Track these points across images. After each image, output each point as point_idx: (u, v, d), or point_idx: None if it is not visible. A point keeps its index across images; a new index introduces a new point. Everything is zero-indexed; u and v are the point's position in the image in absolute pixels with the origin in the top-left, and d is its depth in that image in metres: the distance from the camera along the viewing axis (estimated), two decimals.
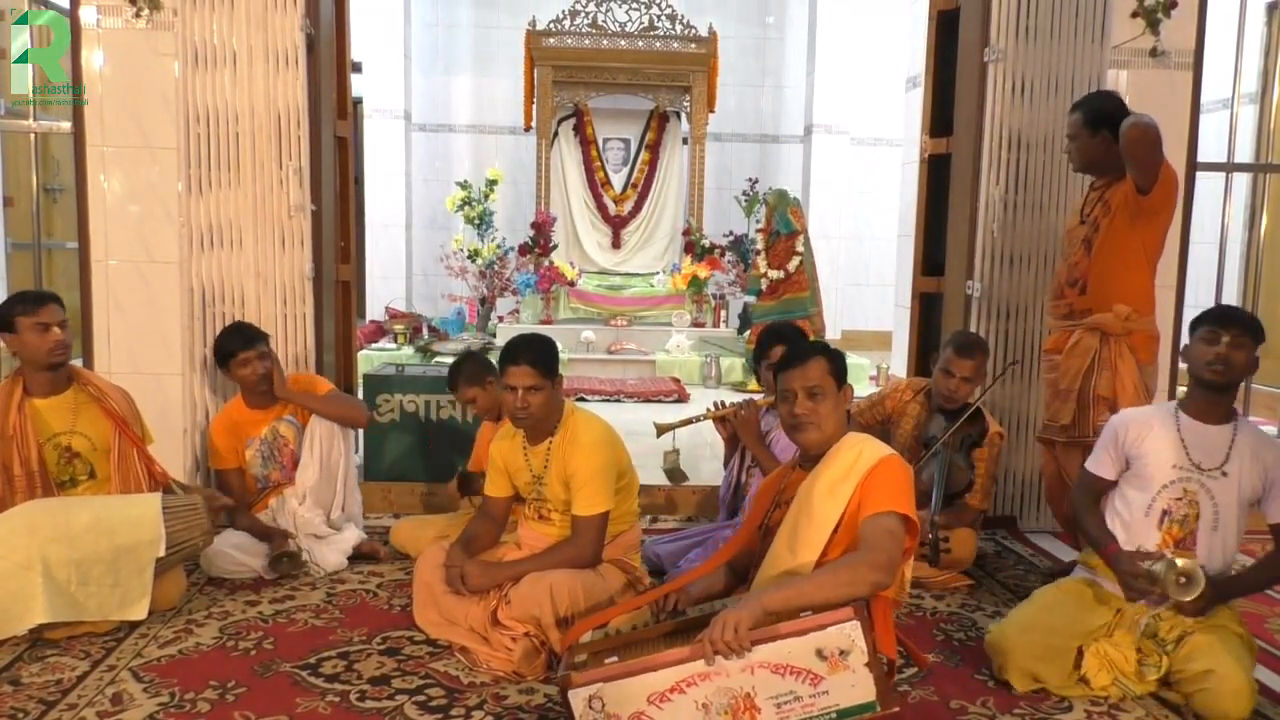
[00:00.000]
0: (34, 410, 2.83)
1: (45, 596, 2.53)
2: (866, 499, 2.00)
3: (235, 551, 3.12)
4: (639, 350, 7.61)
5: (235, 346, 3.22)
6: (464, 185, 8.65)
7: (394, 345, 7.70)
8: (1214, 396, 2.44)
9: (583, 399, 6.22)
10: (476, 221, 8.56)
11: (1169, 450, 2.44)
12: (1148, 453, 2.47)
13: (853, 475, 2.03)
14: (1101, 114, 2.98)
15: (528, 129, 8.68)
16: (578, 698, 1.86)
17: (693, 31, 8.44)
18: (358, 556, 3.29)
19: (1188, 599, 2.28)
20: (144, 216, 3.67)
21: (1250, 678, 2.23)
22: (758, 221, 8.13)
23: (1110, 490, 2.57)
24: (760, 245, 7.35)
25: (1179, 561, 2.29)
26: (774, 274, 7.13)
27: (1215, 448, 2.42)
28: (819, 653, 1.78)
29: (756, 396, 3.31)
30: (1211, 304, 4.00)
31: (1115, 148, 2.90)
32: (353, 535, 3.32)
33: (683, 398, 6.49)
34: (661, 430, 3.50)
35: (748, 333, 7.50)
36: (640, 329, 7.96)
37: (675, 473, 3.59)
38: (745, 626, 1.78)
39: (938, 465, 3.14)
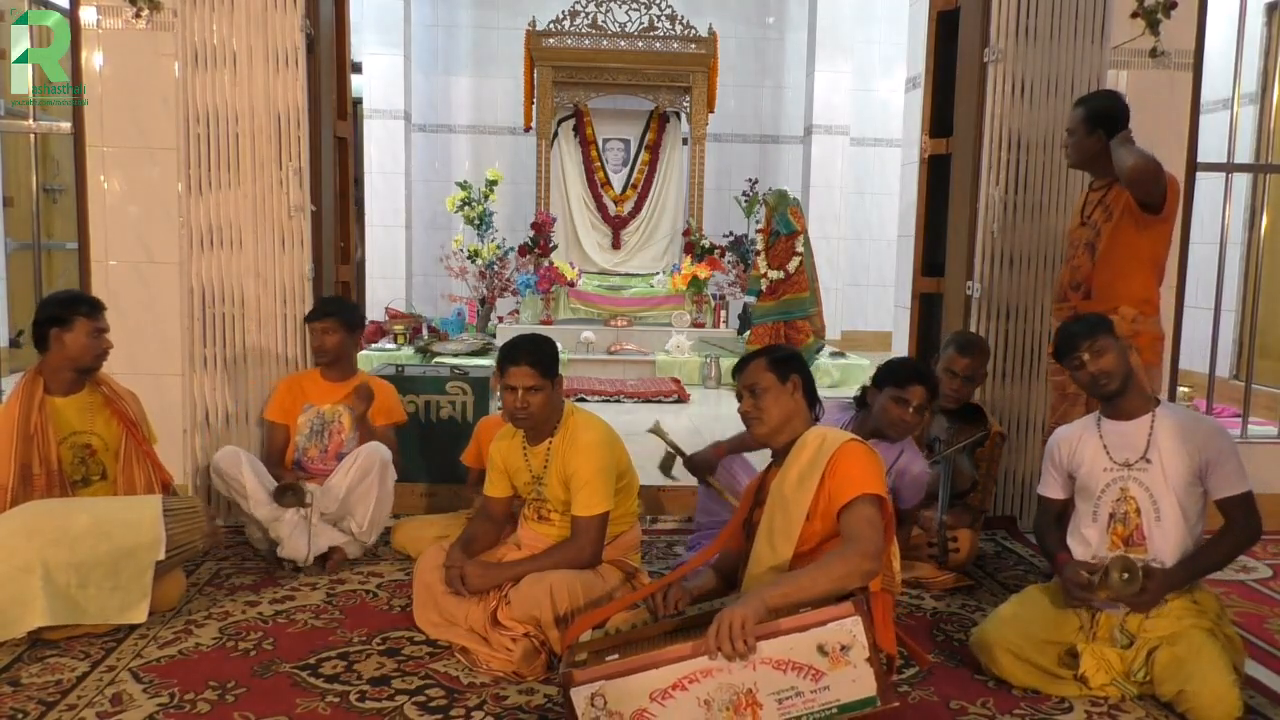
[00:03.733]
0: (54, 408, 2.84)
1: (44, 599, 2.53)
2: (835, 488, 2.05)
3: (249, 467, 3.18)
4: (639, 351, 7.61)
5: (313, 310, 3.46)
6: (464, 185, 8.65)
7: (394, 345, 7.70)
8: (1119, 398, 2.49)
9: (583, 399, 6.23)
10: (476, 222, 8.56)
11: (1097, 455, 2.50)
12: (1081, 463, 2.53)
13: (818, 464, 2.09)
14: (1102, 113, 3.00)
15: (528, 129, 8.68)
16: (579, 695, 1.86)
17: (693, 32, 8.44)
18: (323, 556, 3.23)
19: (1131, 593, 2.30)
20: (144, 217, 3.67)
21: (1229, 675, 2.21)
22: (757, 222, 8.14)
23: (1066, 510, 2.61)
24: (760, 246, 7.37)
25: (1116, 558, 2.32)
26: (774, 274, 7.14)
27: (1135, 441, 2.46)
28: (820, 648, 1.79)
29: None
30: (1211, 304, 4.04)
31: (1109, 149, 2.95)
32: (334, 536, 3.24)
33: (683, 398, 6.49)
34: (658, 433, 3.51)
35: (748, 333, 7.51)
36: (640, 329, 7.96)
37: (666, 467, 3.59)
38: (750, 626, 1.79)
39: (943, 467, 3.15)
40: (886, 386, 3.00)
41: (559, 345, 2.81)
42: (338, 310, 3.45)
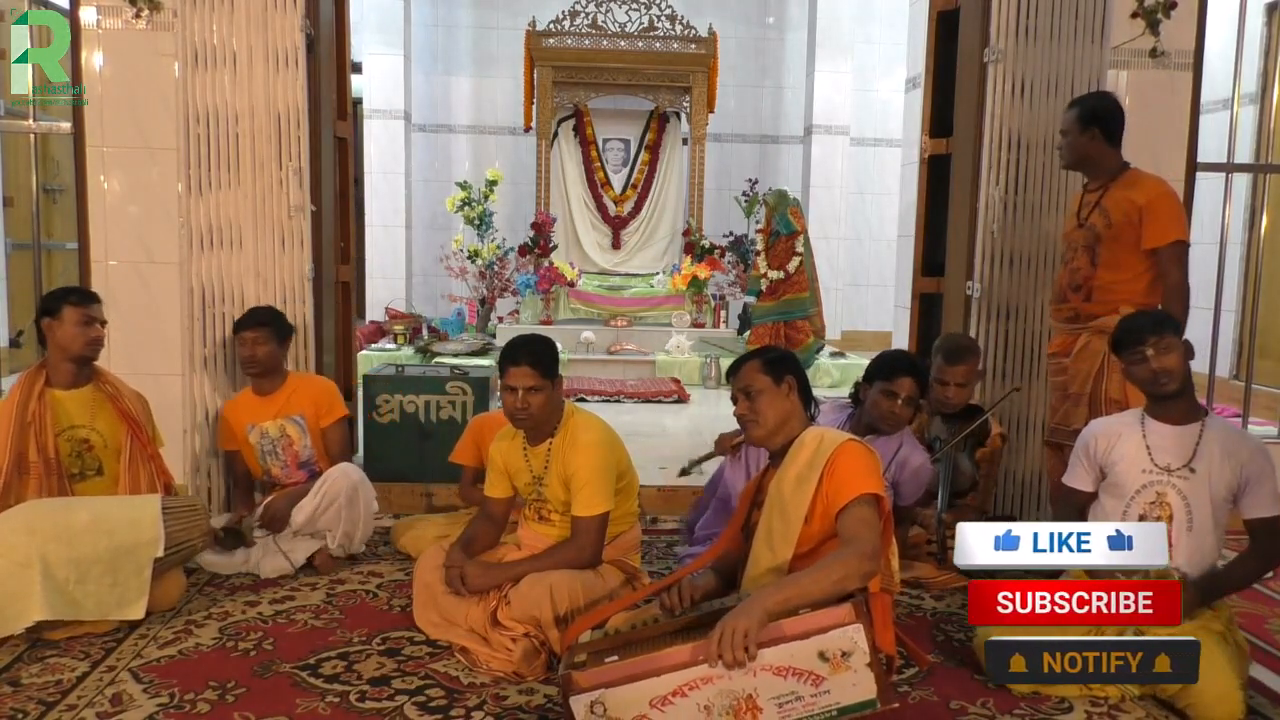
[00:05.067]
0: (54, 400, 2.86)
1: (44, 594, 2.53)
2: (834, 489, 2.05)
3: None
4: (639, 351, 7.61)
5: (243, 319, 3.33)
6: (464, 186, 8.65)
7: (394, 345, 7.70)
8: (1172, 400, 2.46)
9: (583, 399, 6.23)
10: (476, 222, 8.56)
11: (1136, 455, 2.47)
12: (1118, 460, 2.50)
13: (816, 465, 2.09)
14: (1096, 112, 3.02)
15: (528, 129, 8.68)
16: (579, 704, 1.86)
17: (692, 32, 8.44)
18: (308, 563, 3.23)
19: None
20: (144, 217, 3.67)
21: (1234, 677, 2.22)
22: (757, 222, 8.14)
23: (1091, 503, 2.59)
24: (760, 246, 7.36)
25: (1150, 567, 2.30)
26: (774, 274, 7.13)
27: (1181, 448, 2.43)
28: (822, 654, 1.79)
29: None
30: (1211, 305, 4.04)
31: (1104, 147, 3.00)
32: (309, 546, 3.22)
33: (682, 398, 6.49)
34: (684, 472, 3.61)
35: (748, 333, 7.50)
36: (640, 329, 7.96)
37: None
38: (754, 637, 1.78)
39: (943, 466, 3.15)
40: (876, 380, 3.01)
41: (559, 345, 2.81)
42: (270, 319, 3.32)
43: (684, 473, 3.75)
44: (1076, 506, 2.62)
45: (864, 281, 9.93)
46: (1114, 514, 2.49)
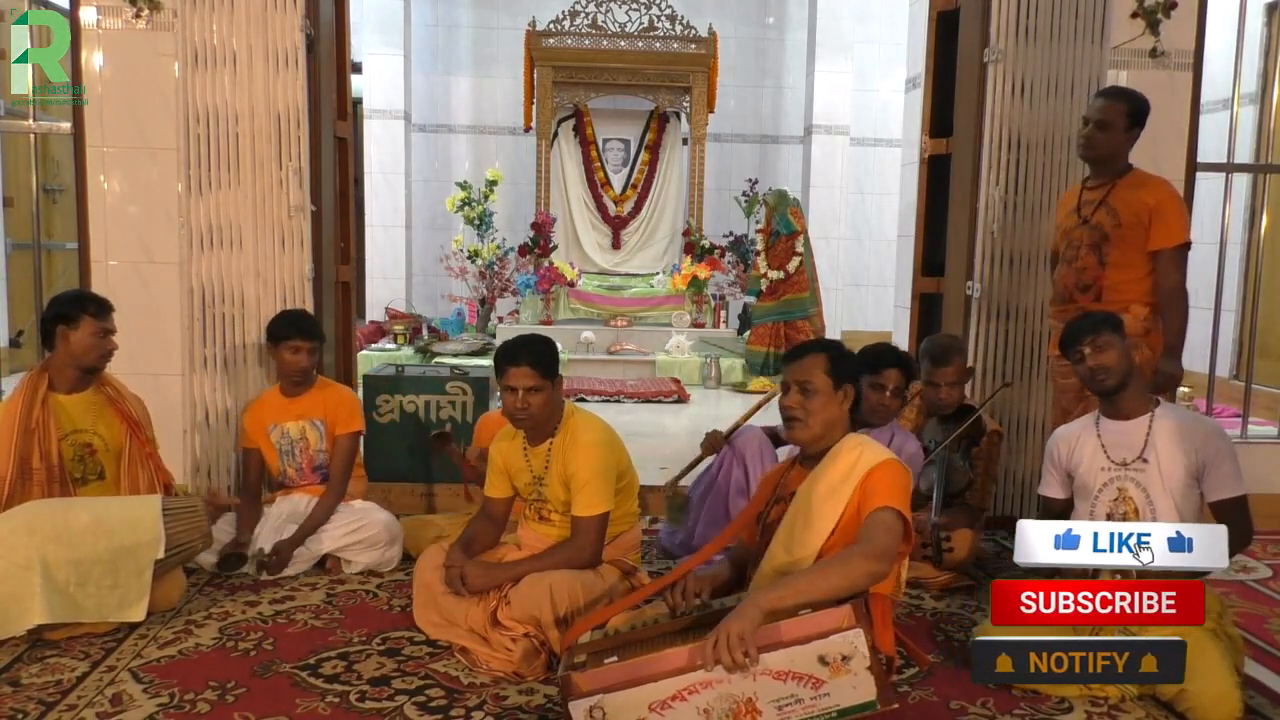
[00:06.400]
0: (57, 404, 2.86)
1: (44, 597, 2.53)
2: (865, 500, 2.01)
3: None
4: (639, 351, 7.61)
5: (291, 330, 3.26)
6: (464, 186, 8.65)
7: (394, 346, 7.70)
8: (1117, 396, 2.49)
9: (582, 399, 6.23)
10: (476, 222, 8.57)
11: (1095, 456, 2.51)
12: (1080, 463, 2.54)
13: (852, 477, 2.04)
14: (1141, 112, 2.99)
15: (528, 129, 8.68)
16: (579, 709, 1.86)
17: (692, 32, 8.44)
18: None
19: None
20: (144, 217, 3.67)
21: (1231, 676, 2.22)
22: (757, 222, 8.14)
23: (1068, 510, 2.61)
24: (760, 246, 7.36)
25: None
26: (774, 274, 7.14)
27: (1133, 441, 2.47)
28: (822, 659, 1.79)
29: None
30: (1211, 305, 4.03)
31: (1130, 148, 2.99)
32: (312, 556, 3.22)
33: (682, 398, 6.49)
34: (672, 486, 3.59)
35: (748, 333, 7.51)
36: (640, 329, 7.96)
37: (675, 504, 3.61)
38: (750, 639, 1.76)
39: (937, 467, 3.15)
40: (863, 375, 3.03)
41: (559, 345, 2.81)
42: (319, 331, 3.36)
43: (672, 489, 3.68)
44: (1053, 515, 2.63)
45: (864, 281, 9.93)
46: (1083, 515, 2.51)
